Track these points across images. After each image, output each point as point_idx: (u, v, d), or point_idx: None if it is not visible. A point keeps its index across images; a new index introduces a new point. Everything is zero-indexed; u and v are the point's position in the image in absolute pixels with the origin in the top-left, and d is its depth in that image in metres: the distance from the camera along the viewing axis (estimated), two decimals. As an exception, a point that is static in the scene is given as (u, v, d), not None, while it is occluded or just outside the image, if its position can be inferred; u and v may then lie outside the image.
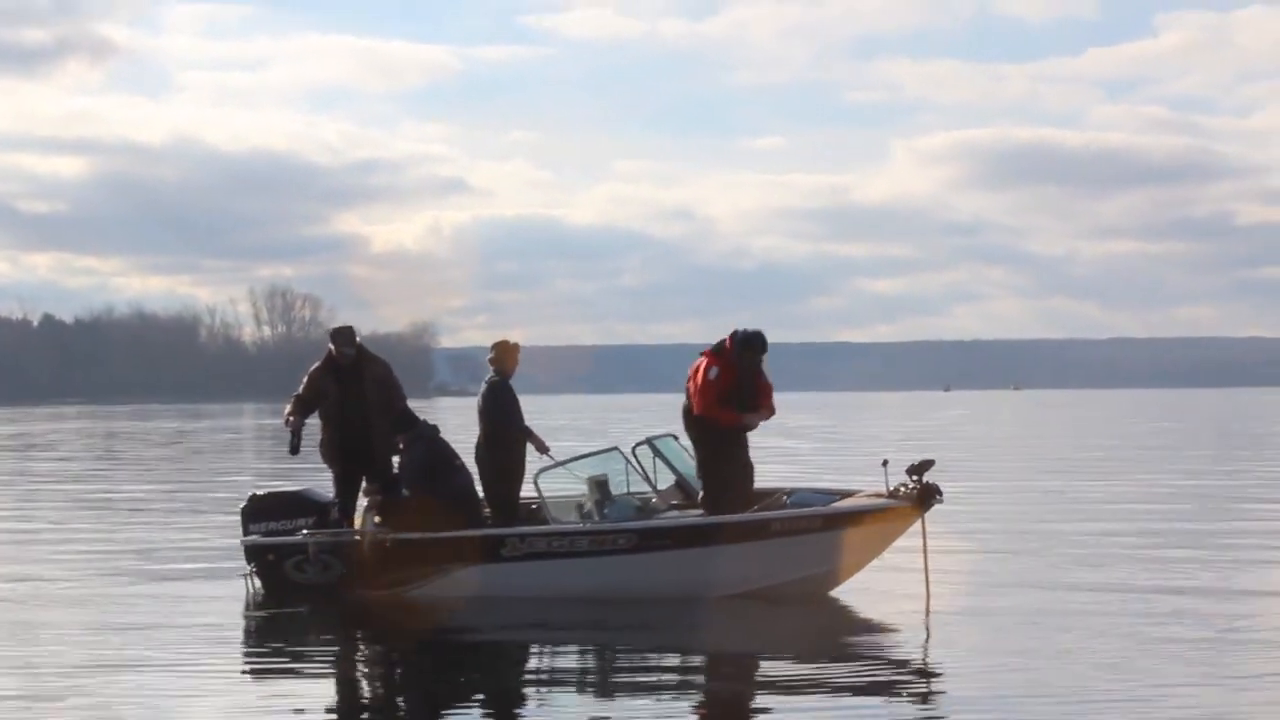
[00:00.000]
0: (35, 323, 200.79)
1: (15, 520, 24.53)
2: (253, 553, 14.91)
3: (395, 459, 15.23)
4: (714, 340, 15.08)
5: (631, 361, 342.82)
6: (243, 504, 15.42)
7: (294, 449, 15.11)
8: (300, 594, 14.59)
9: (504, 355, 15.30)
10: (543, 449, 15.32)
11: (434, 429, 15.17)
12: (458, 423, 13.93)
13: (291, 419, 15.20)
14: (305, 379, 15.54)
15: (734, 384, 14.92)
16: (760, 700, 10.72)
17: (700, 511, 14.62)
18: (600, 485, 14.55)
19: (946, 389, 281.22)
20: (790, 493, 15.16)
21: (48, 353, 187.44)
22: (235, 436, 67.49)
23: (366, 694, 11.53)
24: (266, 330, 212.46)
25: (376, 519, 14.66)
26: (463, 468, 15.05)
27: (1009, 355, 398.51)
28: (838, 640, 13.02)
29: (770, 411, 15.15)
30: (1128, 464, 37.69)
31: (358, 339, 15.49)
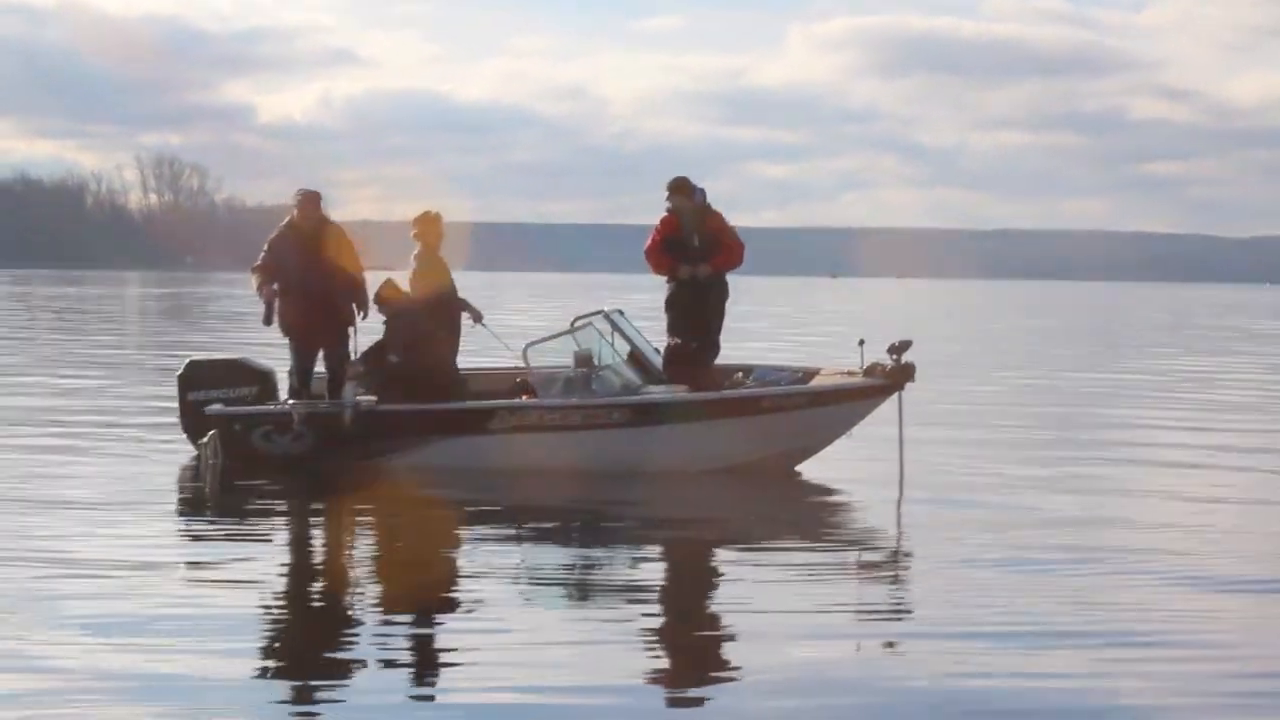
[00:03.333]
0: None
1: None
2: (218, 422, 14.70)
3: (350, 331, 15.24)
4: (603, 221, 15.32)
5: (519, 238, 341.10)
6: (179, 370, 15.35)
7: (268, 320, 15.08)
8: (266, 464, 14.52)
9: (428, 228, 15.43)
10: (478, 318, 15.65)
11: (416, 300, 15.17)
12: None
13: (263, 289, 15.08)
14: (266, 247, 15.34)
15: (677, 233, 15.42)
16: (731, 572, 10.94)
17: (663, 386, 14.86)
18: (586, 359, 14.81)
19: (833, 275, 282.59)
20: (749, 370, 15.66)
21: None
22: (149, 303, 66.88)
23: (347, 562, 11.46)
24: (153, 198, 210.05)
25: (360, 391, 14.71)
26: (445, 339, 15.20)
27: (896, 243, 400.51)
28: (811, 511, 13.55)
29: (721, 265, 15.48)
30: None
31: (321, 206, 15.37)
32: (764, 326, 50.81)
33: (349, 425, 14.56)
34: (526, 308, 59.45)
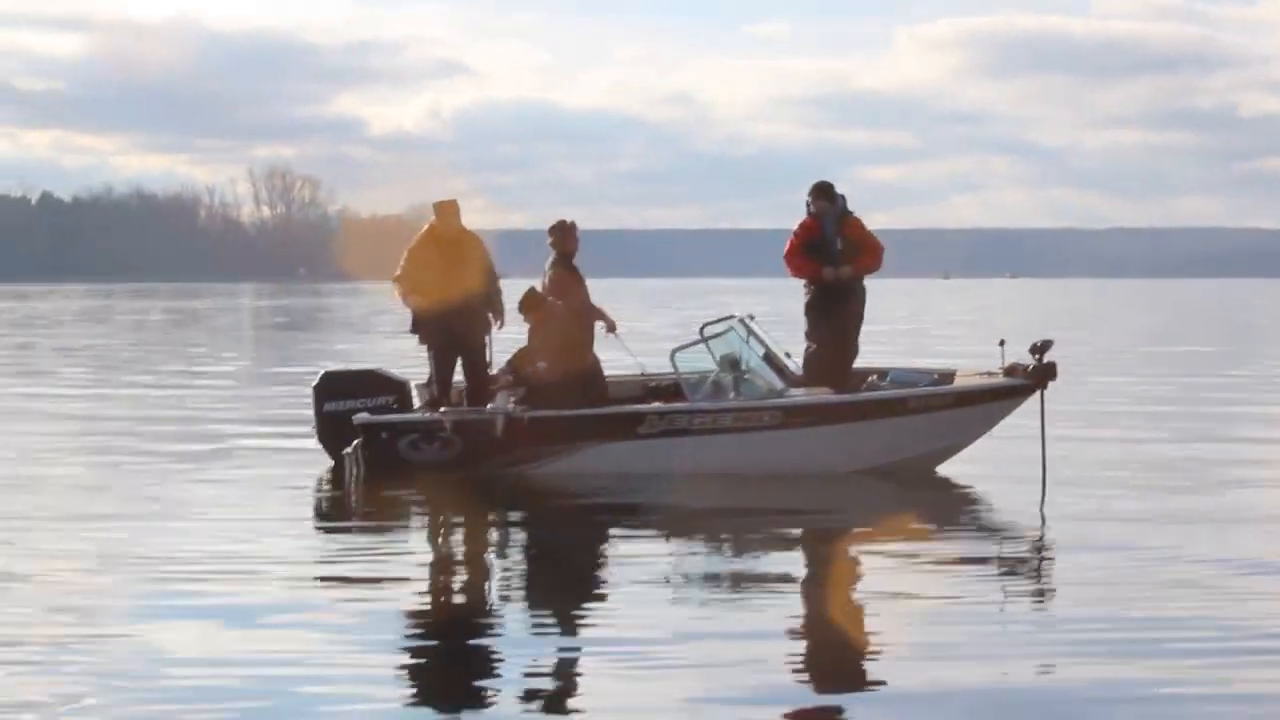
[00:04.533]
0: (34, 201, 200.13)
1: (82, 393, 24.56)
2: (366, 430, 14.59)
3: (488, 339, 15.27)
4: (711, 226, 15.28)
5: (625, 246, 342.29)
6: (315, 381, 15.34)
7: (415, 328, 15.13)
8: (412, 472, 14.41)
9: (565, 236, 15.44)
10: (611, 328, 15.56)
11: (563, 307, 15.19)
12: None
13: (409, 298, 15.10)
14: (405, 255, 15.32)
15: (818, 237, 15.50)
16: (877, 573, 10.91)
17: (802, 389, 14.92)
18: (734, 363, 14.77)
19: (946, 276, 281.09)
20: (883, 373, 15.65)
21: (46, 231, 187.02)
22: (276, 315, 67.53)
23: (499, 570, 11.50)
24: (266, 210, 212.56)
25: (513, 399, 14.65)
26: (590, 346, 15.21)
27: (1008, 245, 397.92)
28: (955, 515, 13.46)
29: (863, 267, 15.56)
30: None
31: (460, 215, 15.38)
32: (882, 329, 50.30)
33: (500, 433, 14.48)
34: (640, 314, 59.39)
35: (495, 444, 14.54)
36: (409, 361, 15.84)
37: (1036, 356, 14.48)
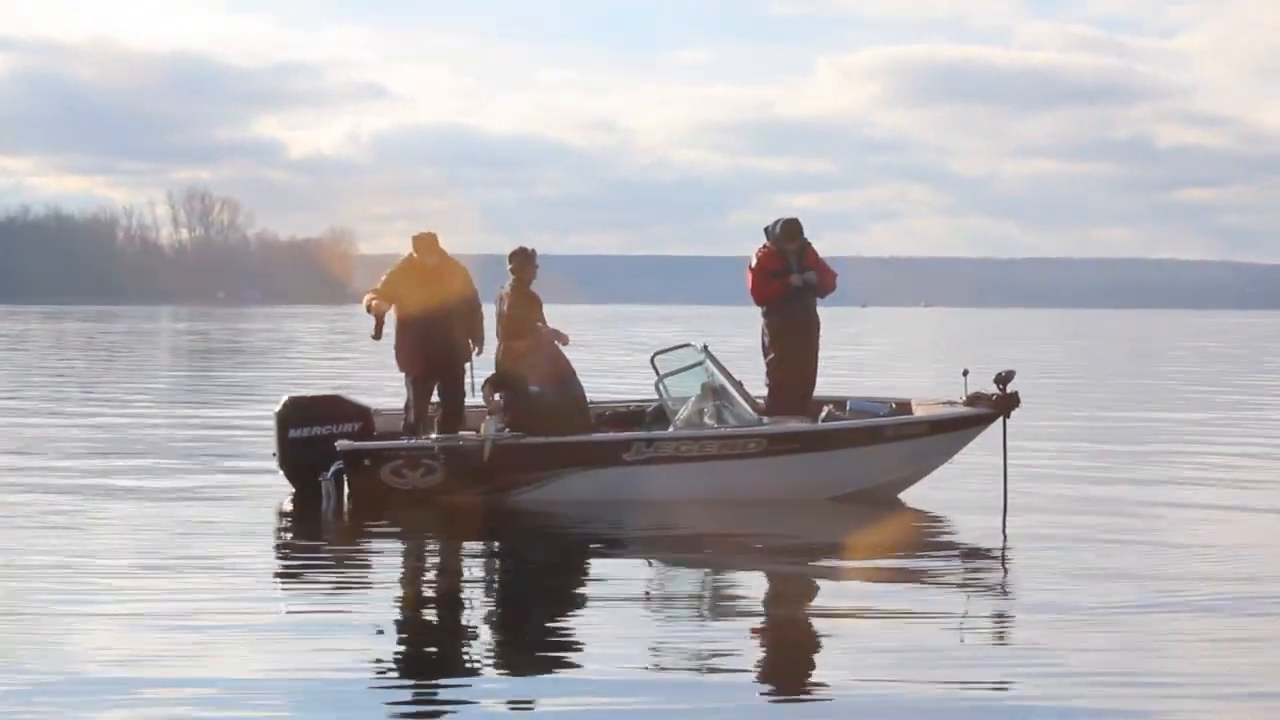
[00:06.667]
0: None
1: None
2: (348, 456, 14.63)
3: (467, 366, 15.47)
4: (633, 253, 15.66)
5: (548, 271, 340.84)
6: (278, 408, 15.33)
7: (378, 335, 15.25)
8: (393, 499, 14.53)
9: (525, 264, 15.68)
10: (564, 341, 15.75)
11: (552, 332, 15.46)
12: (369, 327, 14.30)
13: (375, 303, 15.27)
14: (385, 277, 15.58)
15: (781, 264, 16.19)
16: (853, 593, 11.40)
17: (767, 417, 15.27)
18: (718, 391, 15.01)
19: (864, 305, 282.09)
20: (840, 402, 16.10)
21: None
22: (194, 337, 67.08)
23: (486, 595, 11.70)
24: (185, 233, 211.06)
25: (499, 424, 14.72)
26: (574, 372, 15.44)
27: (925, 273, 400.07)
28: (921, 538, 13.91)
29: (824, 281, 16.35)
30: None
31: (440, 245, 15.59)
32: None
33: (486, 459, 14.58)
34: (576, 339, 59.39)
35: (480, 470, 14.64)
36: (325, 385, 15.87)
37: (1000, 386, 14.93)
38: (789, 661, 9.36)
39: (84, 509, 14.48)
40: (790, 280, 16.15)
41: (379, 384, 24.69)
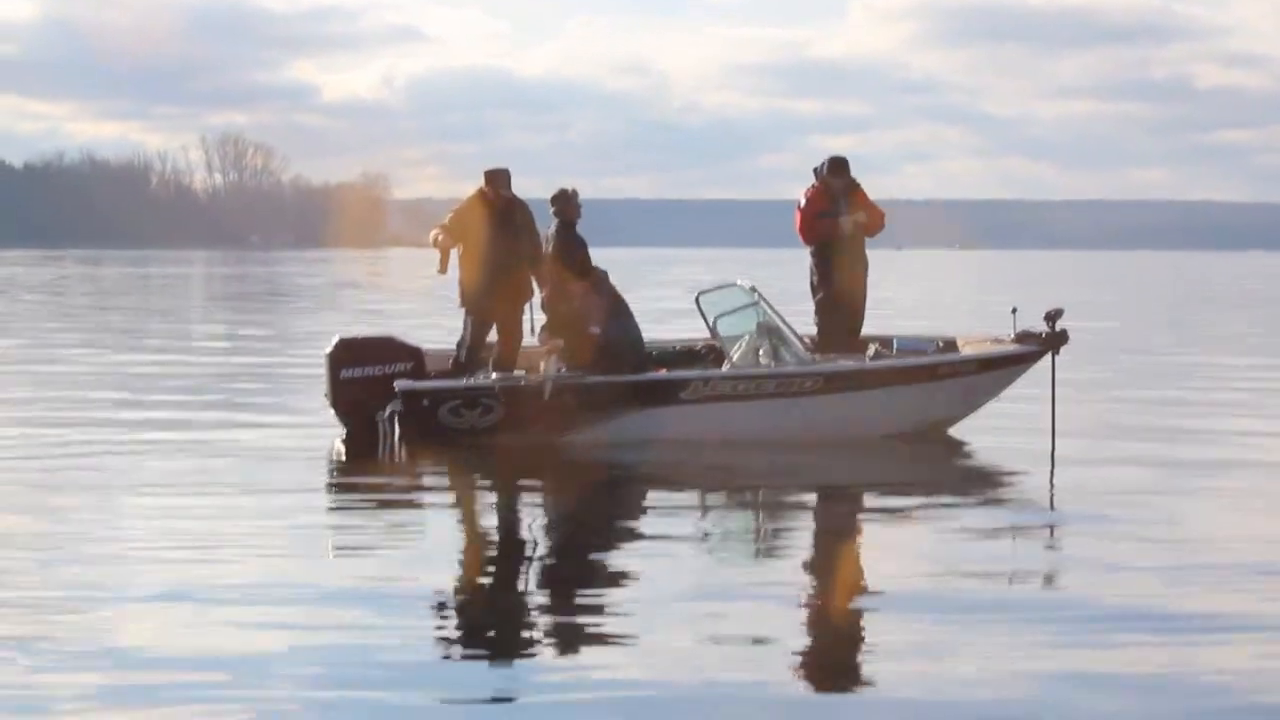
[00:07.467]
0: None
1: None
2: (407, 396, 14.57)
3: (527, 307, 15.45)
4: (664, 196, 15.60)
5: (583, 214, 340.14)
6: (329, 349, 15.24)
7: (443, 269, 15.24)
8: (451, 439, 14.54)
9: (566, 204, 15.52)
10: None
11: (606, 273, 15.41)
12: (405, 270, 14.27)
13: (441, 238, 15.26)
14: (451, 214, 15.56)
15: (829, 204, 16.12)
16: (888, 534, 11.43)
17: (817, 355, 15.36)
18: (773, 330, 15.03)
19: (899, 248, 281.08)
20: (887, 340, 16.18)
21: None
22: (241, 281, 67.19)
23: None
24: (218, 178, 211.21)
25: (559, 364, 14.70)
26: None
27: (960, 215, 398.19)
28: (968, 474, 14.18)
29: (874, 222, 16.31)
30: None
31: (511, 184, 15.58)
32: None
33: (547, 399, 14.49)
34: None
35: (538, 411, 14.57)
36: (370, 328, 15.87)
37: (1049, 323, 15.02)
38: (837, 609, 9.18)
39: (130, 451, 14.47)
40: (841, 225, 16.12)
41: (416, 329, 24.69)
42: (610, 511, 12.50)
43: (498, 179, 15.53)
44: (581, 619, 8.67)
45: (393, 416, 14.52)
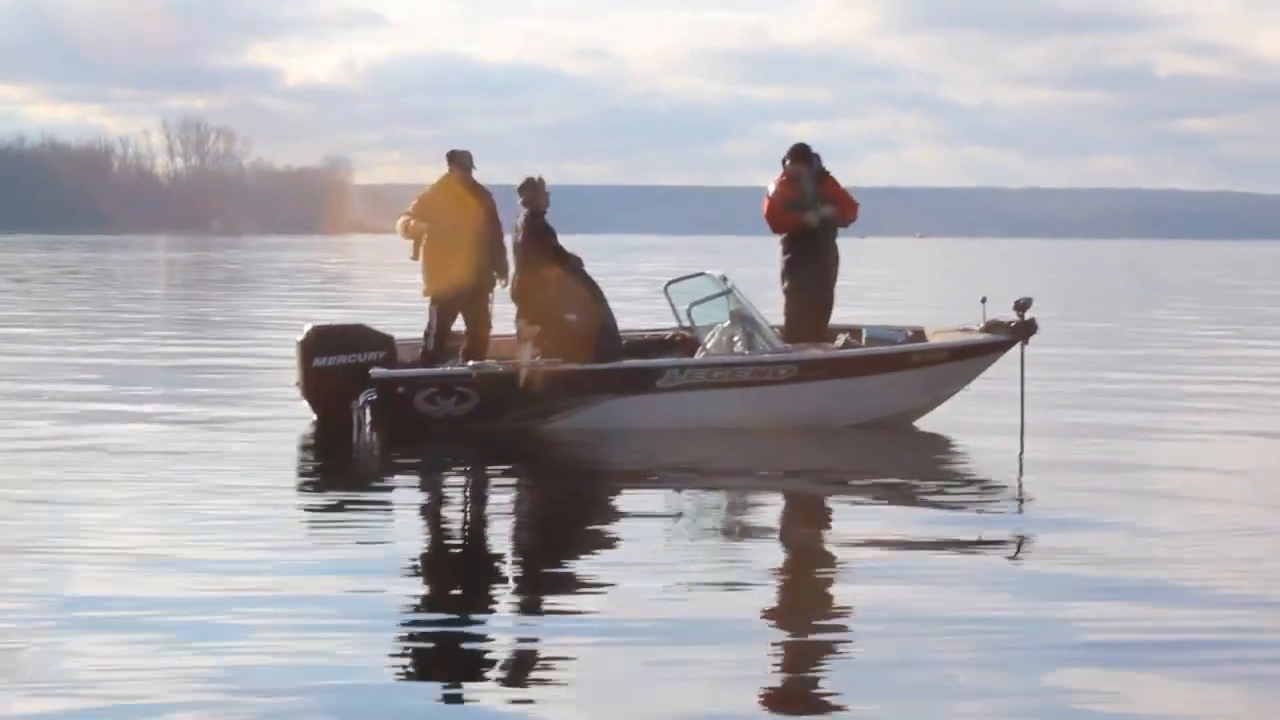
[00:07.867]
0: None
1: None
2: (381, 384, 14.50)
3: (492, 295, 15.46)
4: (625, 182, 15.49)
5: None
6: (301, 336, 15.16)
7: (416, 255, 15.32)
8: (426, 427, 14.52)
9: (535, 193, 15.44)
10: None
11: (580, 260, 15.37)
12: (368, 258, 14.02)
13: (411, 224, 15.30)
14: (416, 200, 15.56)
15: (797, 194, 16.00)
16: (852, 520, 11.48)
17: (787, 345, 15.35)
18: (746, 318, 15.05)
19: (862, 236, 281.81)
20: (855, 330, 16.09)
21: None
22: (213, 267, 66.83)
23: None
24: (180, 162, 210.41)
25: (535, 352, 14.67)
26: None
27: (922, 203, 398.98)
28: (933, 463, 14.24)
29: (843, 213, 16.18)
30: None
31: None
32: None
33: (522, 387, 14.50)
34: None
35: (513, 398, 14.59)
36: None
37: (1019, 312, 15.06)
38: (811, 592, 9.36)
39: (97, 442, 14.24)
40: (806, 219, 16.02)
41: (380, 318, 24.61)
42: (583, 501, 12.46)
43: (463, 159, 15.59)
44: (550, 624, 8.62)
45: (366, 405, 14.45)
